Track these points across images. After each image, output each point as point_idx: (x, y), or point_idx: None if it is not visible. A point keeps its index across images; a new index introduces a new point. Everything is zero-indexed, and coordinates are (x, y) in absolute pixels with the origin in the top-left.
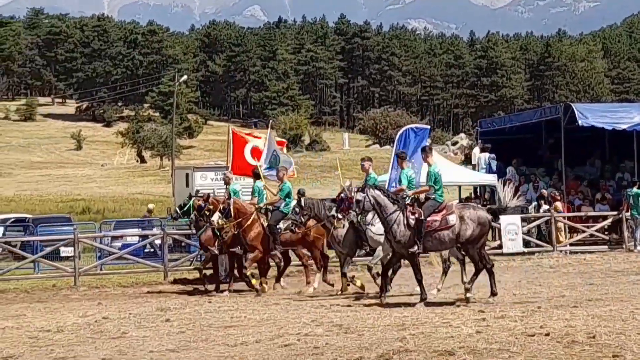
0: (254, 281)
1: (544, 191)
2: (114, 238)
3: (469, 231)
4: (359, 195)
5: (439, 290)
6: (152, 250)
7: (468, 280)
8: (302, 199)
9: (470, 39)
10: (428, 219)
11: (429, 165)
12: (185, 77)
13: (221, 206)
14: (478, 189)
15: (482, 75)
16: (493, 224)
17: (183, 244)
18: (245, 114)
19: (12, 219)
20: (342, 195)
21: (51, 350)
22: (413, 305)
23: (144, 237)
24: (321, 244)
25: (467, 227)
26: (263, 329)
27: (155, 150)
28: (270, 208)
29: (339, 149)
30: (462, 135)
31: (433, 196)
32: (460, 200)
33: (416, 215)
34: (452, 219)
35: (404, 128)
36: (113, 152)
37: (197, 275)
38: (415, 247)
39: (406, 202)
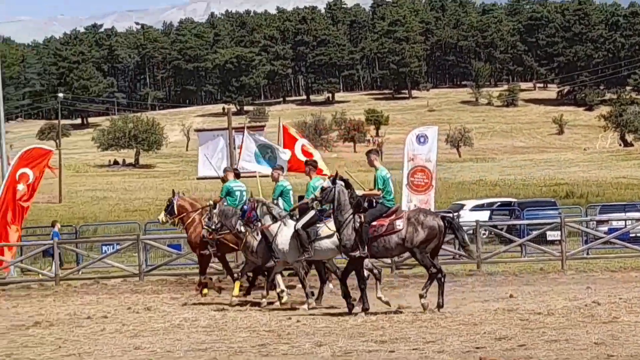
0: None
1: None
2: (600, 222)
3: (416, 235)
4: (326, 183)
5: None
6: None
7: (422, 287)
8: (217, 205)
9: None
10: (374, 223)
11: (376, 169)
12: None
13: (167, 203)
14: None
15: None
16: None
17: None
18: None
19: (498, 203)
20: (245, 207)
21: (543, 332)
22: (355, 314)
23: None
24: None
25: (415, 230)
26: None
27: (639, 134)
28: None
29: None
30: None
31: (381, 200)
32: None
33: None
34: (400, 223)
35: None
36: (595, 136)
37: None
38: (357, 252)
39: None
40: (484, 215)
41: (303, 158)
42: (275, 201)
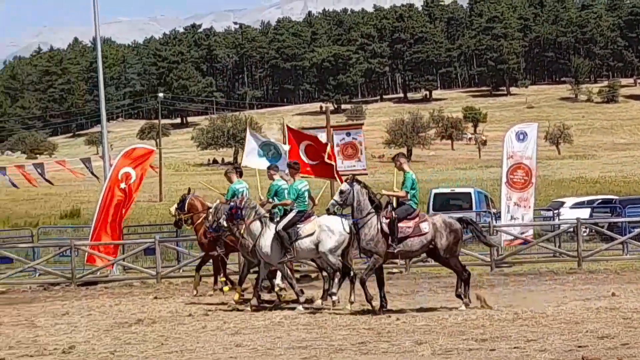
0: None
1: None
2: None
3: (443, 239)
4: (344, 186)
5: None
6: None
7: (462, 291)
8: (217, 202)
9: None
10: (401, 225)
11: (405, 171)
12: None
13: (180, 198)
14: None
15: None
16: None
17: None
18: None
19: (599, 201)
20: (232, 203)
21: None
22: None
23: None
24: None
25: (441, 235)
26: None
27: None
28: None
29: None
30: None
31: (409, 202)
32: None
33: (389, 219)
34: (425, 226)
35: None
36: None
37: None
38: (391, 248)
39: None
40: (584, 213)
41: (306, 160)
42: (270, 200)
